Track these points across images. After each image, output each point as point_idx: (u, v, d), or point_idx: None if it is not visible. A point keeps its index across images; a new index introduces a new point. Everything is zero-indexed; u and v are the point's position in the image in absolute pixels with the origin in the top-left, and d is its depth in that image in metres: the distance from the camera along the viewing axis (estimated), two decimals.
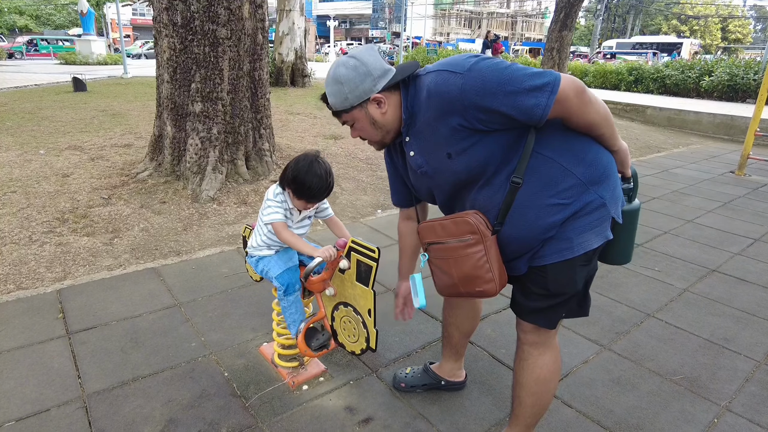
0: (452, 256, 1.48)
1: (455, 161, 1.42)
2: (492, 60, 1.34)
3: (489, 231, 1.43)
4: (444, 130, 1.39)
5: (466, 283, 1.49)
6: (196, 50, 4.42)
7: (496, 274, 1.45)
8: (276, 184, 1.99)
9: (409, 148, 1.52)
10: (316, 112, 9.69)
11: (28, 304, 2.71)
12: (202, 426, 1.90)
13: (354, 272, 1.91)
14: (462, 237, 1.44)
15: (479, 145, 1.38)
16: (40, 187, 4.54)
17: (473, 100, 1.31)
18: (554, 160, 1.38)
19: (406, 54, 25.43)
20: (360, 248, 1.85)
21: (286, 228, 1.97)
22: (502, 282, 1.48)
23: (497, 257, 1.46)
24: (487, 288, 1.47)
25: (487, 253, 1.43)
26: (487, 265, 1.43)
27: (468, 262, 1.45)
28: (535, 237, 1.43)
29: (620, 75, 16.78)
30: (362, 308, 1.93)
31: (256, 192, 4.65)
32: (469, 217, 1.43)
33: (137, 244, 3.58)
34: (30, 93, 10.74)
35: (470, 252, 1.44)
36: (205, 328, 2.55)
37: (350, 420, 1.97)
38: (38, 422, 1.88)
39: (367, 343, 1.96)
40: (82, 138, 6.48)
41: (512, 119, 1.33)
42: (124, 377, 2.16)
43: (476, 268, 1.44)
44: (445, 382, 2.15)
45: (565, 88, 1.28)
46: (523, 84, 1.28)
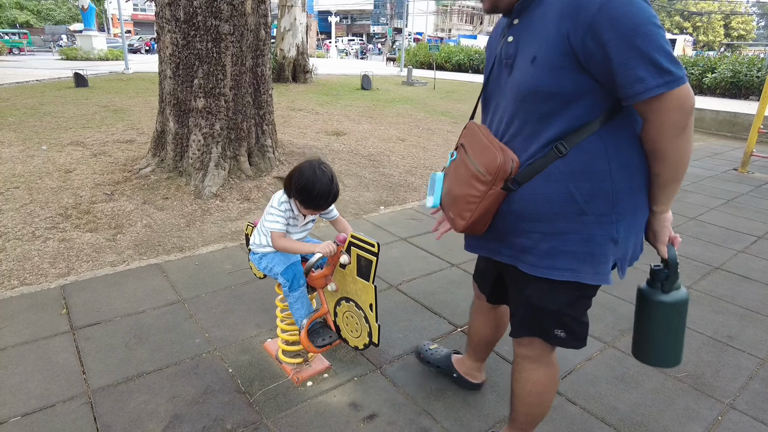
0: (461, 172, 1.41)
1: (533, 69, 1.26)
2: (649, 7, 1.15)
3: (502, 183, 1.31)
4: (551, 30, 1.22)
5: (450, 202, 1.45)
6: (199, 46, 4.41)
7: (472, 220, 1.37)
8: (282, 191, 1.99)
9: (512, 32, 1.35)
10: (318, 108, 9.68)
11: (32, 300, 2.71)
12: (206, 422, 1.90)
13: (354, 267, 1.91)
14: (479, 165, 1.34)
15: (563, 71, 1.22)
16: (42, 182, 4.54)
17: (600, 22, 1.13)
18: (606, 154, 1.26)
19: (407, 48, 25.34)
20: (360, 243, 1.86)
21: (283, 237, 1.99)
22: (471, 229, 1.41)
23: (488, 211, 1.36)
24: (457, 222, 1.43)
25: (483, 200, 1.34)
26: (473, 206, 1.36)
27: (464, 189, 1.38)
28: (532, 221, 1.34)
29: None
30: (364, 303, 1.94)
31: (258, 188, 4.65)
32: (499, 155, 1.30)
33: (140, 240, 3.58)
34: (31, 88, 10.73)
35: (473, 183, 1.35)
36: (209, 324, 2.55)
37: (354, 416, 1.97)
38: (44, 417, 1.89)
39: (369, 338, 1.96)
40: (85, 134, 6.48)
41: (608, 73, 1.17)
42: (129, 373, 2.16)
43: (465, 200, 1.37)
44: (457, 375, 2.12)
45: (679, 95, 1.12)
46: (653, 51, 1.11)
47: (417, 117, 9.63)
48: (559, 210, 1.30)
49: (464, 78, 19.41)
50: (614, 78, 1.15)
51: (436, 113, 10.24)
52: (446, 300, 2.91)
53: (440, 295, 2.97)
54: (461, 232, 1.44)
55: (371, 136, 7.59)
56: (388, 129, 8.25)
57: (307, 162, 1.92)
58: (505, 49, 1.36)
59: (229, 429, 1.87)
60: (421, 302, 2.87)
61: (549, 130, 1.28)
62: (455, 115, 10.24)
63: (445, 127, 8.83)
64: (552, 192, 1.29)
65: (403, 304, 2.84)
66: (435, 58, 20.21)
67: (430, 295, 2.95)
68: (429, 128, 8.63)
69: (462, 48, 25.19)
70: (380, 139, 7.44)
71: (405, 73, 17.44)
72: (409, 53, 24.89)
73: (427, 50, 24.06)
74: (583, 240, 1.31)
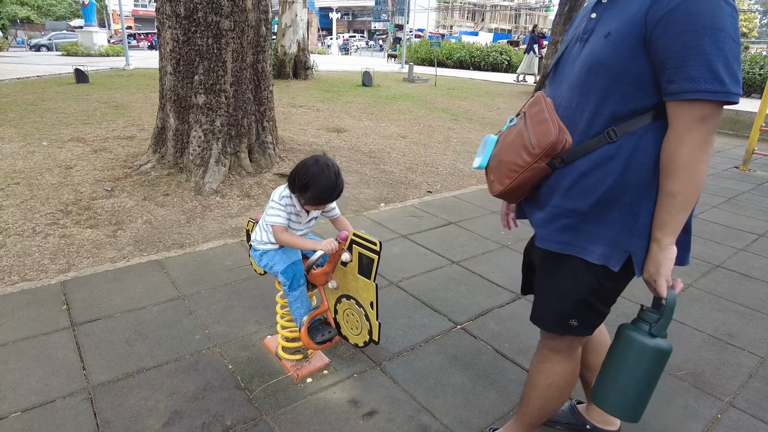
0: (514, 139, 1.40)
1: (604, 43, 1.26)
2: (731, 13, 1.13)
3: (548, 159, 1.31)
4: (633, 10, 1.21)
5: (494, 165, 1.45)
6: (200, 42, 4.40)
7: (509, 187, 1.39)
8: (284, 186, 1.99)
9: (597, 10, 1.35)
10: (319, 105, 9.66)
11: (32, 296, 2.72)
12: (206, 418, 1.91)
13: (356, 265, 1.91)
14: (532, 137, 1.33)
15: (631, 51, 1.21)
16: (43, 178, 4.54)
17: (680, 10, 1.12)
18: (651, 148, 1.25)
19: (409, 45, 25.28)
20: (362, 241, 1.85)
21: (285, 231, 1.98)
22: (506, 196, 1.45)
23: (526, 182, 1.37)
24: (494, 186, 1.45)
25: (525, 171, 1.34)
26: (513, 175, 1.37)
27: (511, 156, 1.38)
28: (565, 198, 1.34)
29: None
30: (364, 301, 1.93)
31: (259, 185, 4.65)
32: (554, 131, 1.29)
33: (140, 237, 3.58)
34: (32, 84, 10.72)
35: (521, 152, 1.35)
36: (209, 321, 2.55)
37: (354, 413, 1.98)
38: (44, 413, 1.89)
39: (370, 336, 1.96)
40: (85, 130, 6.47)
41: (662, 61, 1.16)
42: (129, 369, 2.16)
43: (509, 167, 1.38)
44: (591, 426, 1.90)
45: (716, 110, 1.14)
46: (716, 57, 1.10)
47: (418, 114, 9.61)
48: (594, 193, 1.30)
49: (466, 75, 19.36)
50: (665, 68, 1.16)
51: (437, 110, 10.22)
52: (446, 297, 2.91)
53: (440, 292, 2.97)
54: (495, 196, 1.46)
55: (372, 132, 7.58)
56: (388, 126, 8.24)
57: (312, 157, 1.91)
58: (586, 24, 1.37)
59: (228, 425, 1.88)
60: (421, 299, 2.87)
61: (605, 108, 1.27)
62: (456, 112, 10.22)
63: (446, 124, 8.81)
64: (592, 174, 1.30)
65: (403, 302, 2.84)
66: (436, 54, 20.17)
67: (431, 293, 2.95)
68: (430, 125, 8.61)
69: (463, 45, 25.12)
70: (381, 135, 7.43)
71: (406, 69, 17.40)
72: (410, 50, 24.83)
73: (428, 47, 23.98)
74: (610, 226, 1.31)
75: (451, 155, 6.65)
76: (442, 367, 2.28)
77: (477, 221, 4.22)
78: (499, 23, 66.48)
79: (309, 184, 1.86)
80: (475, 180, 5.65)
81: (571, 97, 1.35)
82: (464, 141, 7.62)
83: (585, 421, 1.91)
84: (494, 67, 22.63)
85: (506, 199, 1.47)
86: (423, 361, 2.32)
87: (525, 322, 2.68)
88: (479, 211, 4.51)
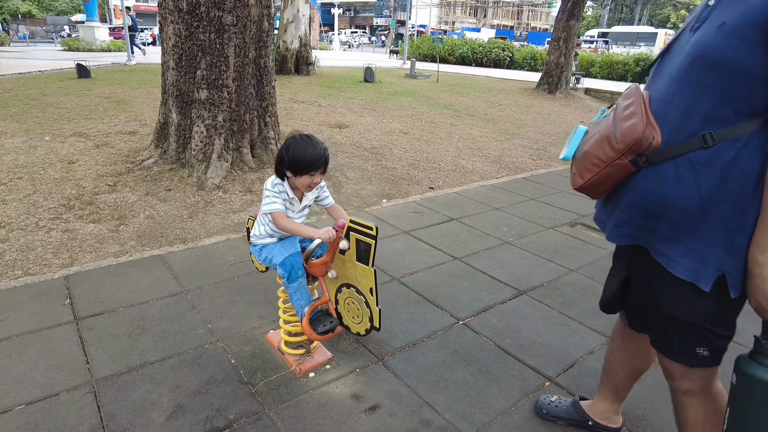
0: (600, 131, 1.33)
1: (715, 33, 1.16)
2: None
3: (632, 156, 1.24)
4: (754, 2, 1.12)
5: (579, 157, 1.40)
6: (202, 37, 4.39)
7: (590, 182, 1.34)
8: (274, 176, 2.01)
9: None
10: (321, 101, 9.65)
11: (36, 290, 2.72)
12: (209, 412, 1.91)
13: (354, 252, 1.92)
14: (618, 130, 1.25)
15: (745, 45, 1.11)
16: (45, 173, 4.55)
17: None
18: (756, 158, 1.14)
19: (411, 43, 25.23)
20: (358, 227, 1.86)
21: (285, 217, 1.99)
22: (587, 190, 1.38)
23: (608, 178, 1.31)
24: (575, 179, 1.39)
25: (607, 166, 1.28)
26: (595, 169, 1.31)
27: (595, 149, 1.32)
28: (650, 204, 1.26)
29: (627, 65, 16.65)
30: (364, 288, 1.94)
31: (261, 180, 4.65)
32: (641, 127, 1.21)
33: (143, 231, 3.58)
34: (34, 79, 10.71)
35: (605, 146, 1.28)
36: (211, 315, 2.56)
37: (356, 407, 1.98)
38: (48, 406, 1.90)
39: (371, 323, 1.97)
40: (87, 125, 6.47)
41: None
42: (132, 363, 2.17)
43: (591, 160, 1.33)
44: (593, 423, 1.88)
45: None
46: None
47: (420, 110, 9.59)
48: (684, 202, 1.21)
49: (468, 71, 19.31)
50: None
51: (439, 106, 10.20)
52: (448, 293, 2.91)
53: (442, 288, 2.97)
54: (576, 189, 1.40)
55: (374, 128, 7.57)
56: (390, 122, 8.23)
57: (291, 135, 1.95)
58: (701, 11, 1.26)
59: (231, 419, 1.88)
60: (423, 295, 2.87)
61: (701, 106, 1.17)
62: (458, 108, 10.20)
63: (448, 120, 8.80)
64: (681, 181, 1.21)
65: (405, 297, 2.84)
66: (438, 50, 20.12)
67: (432, 288, 2.96)
68: (432, 121, 8.60)
69: (466, 41, 25.05)
70: (383, 131, 7.42)
71: (408, 65, 17.37)
72: (412, 46, 24.77)
73: (430, 43, 23.91)
74: (701, 240, 1.21)
75: (453, 151, 6.65)
76: (444, 363, 2.28)
77: (479, 217, 4.22)
78: (501, 19, 66.22)
79: (295, 156, 1.88)
80: (477, 176, 5.64)
81: (669, 90, 1.25)
82: (466, 137, 7.61)
83: (587, 417, 1.89)
84: (496, 63, 22.57)
85: (588, 194, 1.41)
86: (425, 356, 2.32)
87: (526, 318, 2.69)
88: (481, 207, 4.50)
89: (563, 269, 3.31)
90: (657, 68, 1.37)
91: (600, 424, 1.87)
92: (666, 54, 1.35)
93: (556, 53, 12.63)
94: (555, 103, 11.90)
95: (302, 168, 1.91)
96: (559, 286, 3.06)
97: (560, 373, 2.26)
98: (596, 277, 3.20)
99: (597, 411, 1.88)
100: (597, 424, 1.88)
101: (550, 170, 6.12)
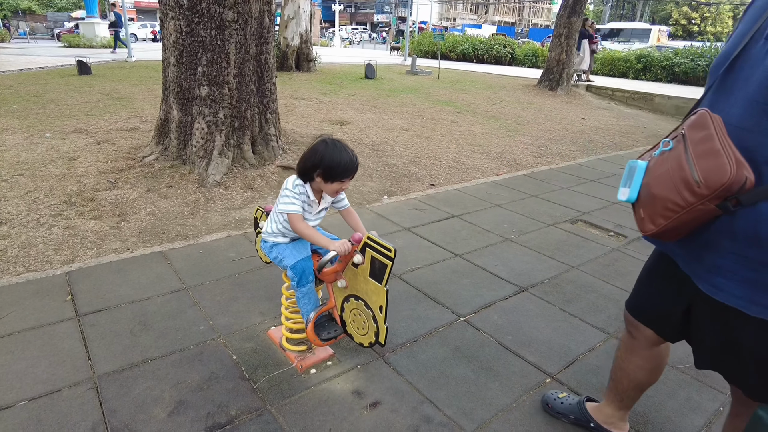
0: (671, 170, 1.15)
1: None
2: None
3: (719, 201, 1.06)
4: None
5: (645, 199, 1.23)
6: (203, 33, 4.38)
7: (664, 229, 1.16)
8: (295, 176, 1.97)
9: None
10: (322, 97, 9.63)
11: (37, 286, 2.73)
12: (211, 408, 1.92)
13: (368, 268, 1.88)
14: (697, 172, 1.07)
15: None
16: (46, 170, 4.55)
17: None
18: None
19: (412, 39, 25.15)
20: (376, 245, 1.83)
21: (302, 220, 1.96)
22: (660, 236, 1.21)
23: (687, 224, 1.14)
24: (645, 225, 1.22)
25: (686, 212, 1.10)
26: (670, 215, 1.13)
27: (667, 192, 1.14)
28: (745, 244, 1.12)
29: (628, 62, 16.59)
30: (374, 304, 1.91)
31: (262, 177, 4.65)
32: (731, 168, 1.02)
33: (144, 228, 3.59)
34: (35, 76, 10.71)
35: (681, 190, 1.10)
36: (213, 312, 2.57)
37: (358, 404, 1.99)
38: (50, 402, 1.91)
39: (376, 338, 1.94)
40: (88, 121, 6.47)
41: None
42: (134, 359, 2.18)
43: (664, 204, 1.15)
44: (596, 425, 1.85)
45: None
46: None
47: (421, 107, 9.58)
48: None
49: (469, 68, 19.26)
50: None
51: (440, 103, 10.19)
52: (449, 290, 2.91)
53: (443, 285, 2.97)
54: (647, 236, 1.24)
55: (375, 125, 7.56)
56: (391, 118, 8.22)
57: (321, 140, 1.90)
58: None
59: (233, 415, 1.89)
60: (425, 292, 2.87)
61: None
62: (459, 104, 10.18)
63: (449, 117, 8.78)
64: None
65: (406, 294, 2.84)
66: (439, 47, 20.03)
67: (434, 285, 2.96)
68: (433, 118, 8.59)
69: (467, 37, 24.95)
70: (384, 128, 7.41)
71: (409, 62, 17.33)
72: (413, 42, 24.68)
73: (431, 39, 23.83)
74: None
75: (454, 148, 6.64)
76: (446, 359, 2.29)
77: (480, 214, 4.22)
78: (502, 16, 66.03)
79: (328, 159, 1.84)
80: (478, 173, 5.64)
81: (748, 114, 1.08)
82: (467, 134, 7.60)
83: (590, 419, 1.88)
84: (497, 60, 22.50)
85: (661, 239, 1.24)
86: (426, 352, 2.33)
87: (527, 315, 2.69)
88: (482, 204, 4.50)
89: (564, 266, 3.31)
90: (721, 83, 1.20)
91: (603, 428, 1.84)
92: (732, 68, 1.17)
93: (558, 50, 12.59)
94: (556, 100, 11.88)
95: (336, 174, 1.88)
96: (560, 283, 3.06)
97: (561, 369, 2.26)
98: (597, 274, 3.20)
99: (602, 415, 1.86)
100: (600, 427, 1.85)
101: (551, 167, 6.12)
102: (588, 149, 7.32)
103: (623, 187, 1.33)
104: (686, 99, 11.40)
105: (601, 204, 4.66)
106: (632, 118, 10.51)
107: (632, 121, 10.13)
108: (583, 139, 7.94)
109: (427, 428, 1.88)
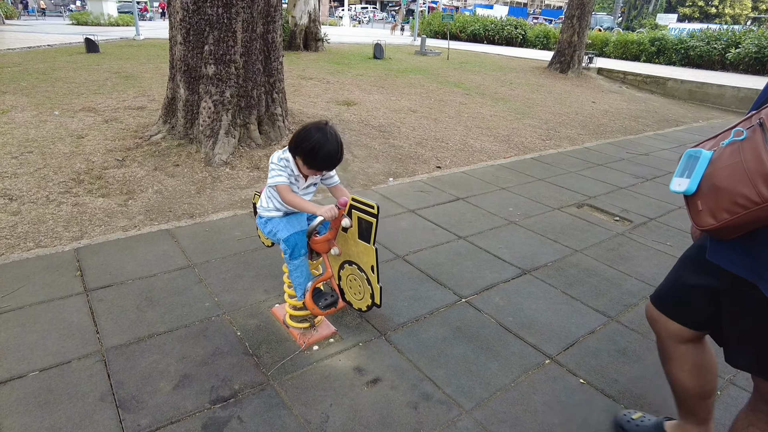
0: (745, 160, 1.08)
1: None
2: None
3: None
4: None
5: (707, 191, 1.16)
6: (210, 11, 4.35)
7: (725, 224, 1.11)
8: (283, 149, 2.03)
9: None
10: (329, 78, 9.56)
11: (47, 262, 2.78)
12: (215, 382, 1.97)
13: (356, 230, 1.96)
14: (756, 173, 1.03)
15: None
16: (55, 147, 4.59)
17: None
18: None
19: (422, 19, 24.77)
20: (360, 205, 1.90)
21: (290, 190, 2.02)
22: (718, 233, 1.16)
23: (754, 222, 1.08)
24: (703, 218, 1.15)
25: (757, 210, 1.04)
26: (738, 210, 1.07)
27: (737, 185, 1.07)
28: None
29: (642, 45, 16.27)
30: (365, 265, 1.99)
31: (268, 157, 4.65)
32: None
33: (151, 206, 3.62)
34: (43, 53, 10.71)
35: (758, 183, 1.03)
36: (218, 289, 2.61)
37: (359, 380, 2.03)
38: (60, 373, 1.96)
39: (372, 300, 2.02)
40: (96, 99, 6.49)
41: None
42: (140, 333, 2.23)
43: (731, 199, 1.08)
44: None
45: None
46: None
47: (429, 88, 9.49)
48: None
49: (479, 48, 18.99)
50: None
51: (448, 84, 10.08)
52: (452, 272, 2.93)
53: (446, 266, 2.99)
54: (704, 230, 1.18)
55: (382, 106, 7.51)
56: (399, 99, 8.16)
57: (315, 124, 1.94)
58: None
59: (236, 389, 1.93)
60: (427, 273, 2.90)
61: None
62: (468, 86, 10.07)
63: (458, 99, 8.70)
64: None
65: (409, 275, 2.87)
66: (449, 27, 19.74)
67: (437, 267, 2.98)
68: (441, 99, 8.51)
69: (477, 18, 24.54)
70: (391, 109, 7.37)
71: (418, 42, 17.10)
72: (423, 22, 24.32)
73: (441, 19, 23.46)
74: None
75: (462, 130, 6.59)
76: (446, 339, 2.32)
77: (485, 197, 4.21)
78: None
79: (311, 149, 1.90)
80: (485, 156, 5.61)
81: None
82: (475, 116, 7.53)
83: None
84: (508, 41, 22.15)
85: (717, 236, 1.17)
86: (427, 332, 2.36)
87: (529, 297, 2.71)
88: (488, 187, 4.49)
89: (568, 250, 3.31)
90: None
91: None
92: None
93: (569, 31, 12.36)
94: (567, 82, 11.71)
95: (313, 163, 1.95)
96: (563, 267, 3.07)
97: (560, 351, 2.29)
98: (601, 258, 3.20)
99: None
100: None
101: (560, 150, 6.07)
102: (597, 133, 7.24)
103: (679, 177, 1.25)
104: (700, 83, 11.19)
105: (608, 188, 4.63)
106: (643, 102, 10.35)
107: (643, 105, 9.98)
108: (592, 123, 7.85)
109: (426, 405, 1.92)
